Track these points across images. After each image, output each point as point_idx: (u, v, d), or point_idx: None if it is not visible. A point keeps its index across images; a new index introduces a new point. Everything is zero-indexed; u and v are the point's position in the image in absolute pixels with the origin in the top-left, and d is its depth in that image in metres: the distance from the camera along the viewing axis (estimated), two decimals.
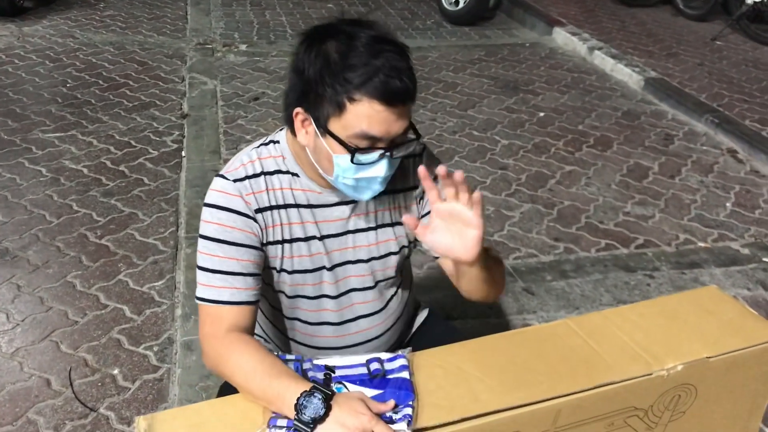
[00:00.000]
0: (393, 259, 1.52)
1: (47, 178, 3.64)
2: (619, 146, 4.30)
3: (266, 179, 1.39)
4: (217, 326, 1.33)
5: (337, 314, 1.52)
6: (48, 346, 2.50)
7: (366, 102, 1.22)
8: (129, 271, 2.93)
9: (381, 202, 1.48)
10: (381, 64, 1.22)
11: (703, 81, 5.32)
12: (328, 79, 1.24)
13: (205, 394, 2.29)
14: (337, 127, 1.26)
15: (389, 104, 1.22)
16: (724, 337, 1.45)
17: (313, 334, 1.54)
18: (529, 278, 2.97)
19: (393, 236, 1.51)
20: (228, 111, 4.56)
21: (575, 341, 1.44)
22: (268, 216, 1.39)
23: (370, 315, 1.55)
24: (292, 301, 1.50)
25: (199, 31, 6.37)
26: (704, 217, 3.53)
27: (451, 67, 5.62)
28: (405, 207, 1.51)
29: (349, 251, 1.48)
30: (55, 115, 4.39)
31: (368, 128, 1.24)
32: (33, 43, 5.74)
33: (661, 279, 3.00)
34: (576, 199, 3.66)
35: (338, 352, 1.54)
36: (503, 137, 4.37)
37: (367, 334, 1.56)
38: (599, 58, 5.82)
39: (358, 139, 1.25)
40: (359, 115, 1.23)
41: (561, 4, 7.36)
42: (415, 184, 1.50)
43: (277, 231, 1.40)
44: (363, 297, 1.53)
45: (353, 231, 1.47)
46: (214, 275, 1.34)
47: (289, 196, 1.41)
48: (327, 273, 1.47)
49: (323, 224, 1.44)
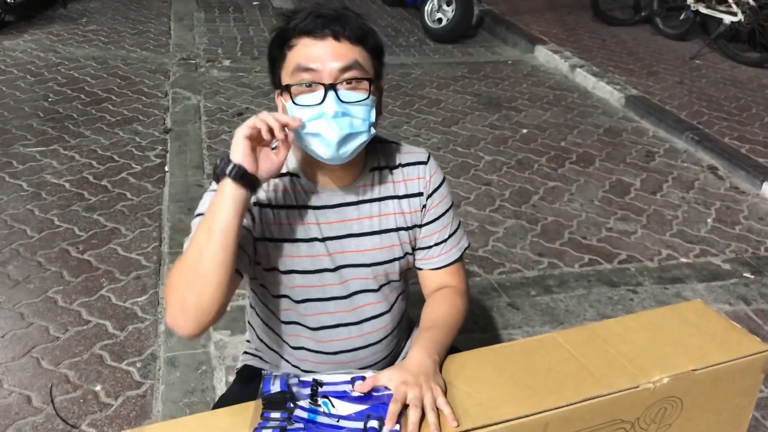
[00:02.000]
0: (397, 264, 1.52)
1: (28, 192, 3.61)
2: (601, 163, 4.34)
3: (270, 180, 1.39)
4: None
5: (344, 315, 1.51)
6: (28, 362, 2.47)
7: (299, 42, 1.31)
8: (111, 287, 2.90)
9: (385, 206, 1.48)
10: (314, 9, 1.32)
11: (683, 99, 5.40)
12: (277, 42, 1.35)
13: (189, 411, 2.26)
14: (285, 76, 1.34)
15: (320, 36, 1.29)
16: (709, 351, 1.46)
17: (321, 339, 1.52)
18: (514, 293, 2.98)
19: (397, 242, 1.51)
20: (211, 126, 4.55)
21: (562, 355, 1.44)
22: (267, 212, 1.40)
23: (374, 318, 1.55)
24: (301, 306, 1.49)
25: (183, 46, 6.37)
26: (686, 233, 3.57)
27: (434, 84, 5.66)
28: (409, 213, 1.51)
29: (352, 254, 1.47)
30: (37, 130, 4.36)
31: (302, 60, 1.29)
32: (14, 57, 5.70)
33: (644, 294, 3.02)
34: (559, 214, 3.68)
35: (345, 357, 1.54)
36: (487, 153, 4.39)
37: (369, 338, 1.55)
38: (581, 76, 5.89)
39: (296, 74, 1.31)
40: (296, 54, 1.31)
41: (543, 23, 7.45)
42: (420, 191, 1.51)
43: (275, 229, 1.41)
44: (367, 299, 1.52)
45: (356, 234, 1.47)
46: None
47: (291, 198, 1.42)
48: (329, 275, 1.47)
49: (325, 226, 1.44)
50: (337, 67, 1.29)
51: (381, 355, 1.61)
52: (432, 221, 1.53)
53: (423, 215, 1.52)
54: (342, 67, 1.29)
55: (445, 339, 1.43)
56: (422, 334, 1.41)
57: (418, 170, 1.52)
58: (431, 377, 1.28)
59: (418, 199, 1.51)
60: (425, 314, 1.51)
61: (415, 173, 1.51)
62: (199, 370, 2.46)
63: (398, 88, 5.49)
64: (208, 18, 7.37)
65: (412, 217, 1.52)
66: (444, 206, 1.55)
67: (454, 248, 1.57)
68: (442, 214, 1.54)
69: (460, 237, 1.60)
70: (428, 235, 1.54)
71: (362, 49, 1.33)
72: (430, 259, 1.56)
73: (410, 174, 1.51)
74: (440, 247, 1.55)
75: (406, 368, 1.28)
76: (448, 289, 1.56)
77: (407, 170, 1.51)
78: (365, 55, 1.33)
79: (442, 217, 1.54)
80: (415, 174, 1.51)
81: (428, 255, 1.56)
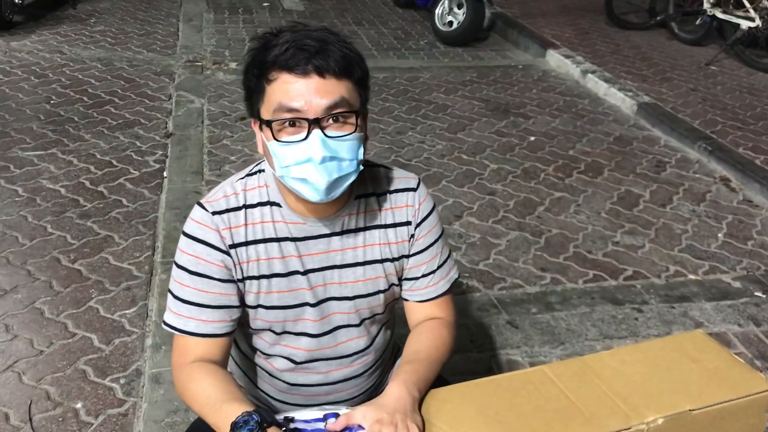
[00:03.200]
0: (381, 297, 1.45)
1: (23, 198, 3.55)
2: (610, 173, 4.22)
3: (247, 213, 1.34)
4: (184, 357, 1.33)
5: (320, 352, 1.45)
6: (10, 377, 2.40)
7: (280, 77, 1.20)
8: (100, 298, 2.83)
9: (371, 236, 1.41)
10: (298, 39, 1.20)
11: (697, 107, 5.27)
12: (251, 71, 1.25)
13: (171, 431, 2.19)
14: (265, 111, 1.24)
15: (302, 74, 1.19)
16: (709, 388, 1.36)
17: (300, 371, 1.47)
18: (514, 310, 2.88)
19: (382, 274, 1.43)
20: (214, 130, 4.48)
21: (551, 390, 1.36)
22: (243, 251, 1.33)
23: (354, 354, 1.48)
24: (279, 338, 1.43)
25: (190, 48, 6.32)
26: (695, 248, 3.45)
27: (442, 89, 5.56)
28: (396, 243, 1.43)
29: (335, 287, 1.40)
30: (36, 133, 4.31)
31: (284, 100, 1.20)
32: (20, 59, 5.67)
33: (649, 313, 2.91)
34: (565, 227, 3.58)
35: (322, 389, 1.49)
36: (492, 161, 4.29)
37: (349, 372, 1.49)
38: (592, 82, 5.77)
39: (278, 113, 1.21)
40: (276, 90, 1.21)
41: (555, 26, 7.34)
42: (408, 220, 1.43)
43: (253, 266, 1.34)
44: (346, 335, 1.45)
45: (339, 266, 1.39)
46: (183, 305, 1.32)
47: (270, 230, 1.34)
48: (310, 309, 1.39)
49: (306, 258, 1.37)
50: (323, 106, 1.19)
51: (362, 387, 1.55)
52: (420, 251, 1.45)
53: (411, 245, 1.44)
54: (328, 106, 1.20)
55: (427, 373, 1.36)
56: (403, 367, 1.34)
57: (407, 197, 1.43)
58: (408, 415, 1.21)
59: (406, 228, 1.43)
60: (408, 346, 1.44)
61: (403, 200, 1.43)
62: None
63: (405, 93, 5.40)
64: (217, 19, 7.32)
65: (399, 248, 1.44)
66: (433, 236, 1.47)
67: (442, 280, 1.49)
68: (431, 243, 1.46)
69: (450, 268, 1.51)
70: (416, 265, 1.46)
71: (348, 82, 1.23)
72: (418, 291, 1.48)
73: (398, 201, 1.43)
74: (428, 278, 1.47)
75: (382, 405, 1.21)
76: (435, 321, 1.49)
77: (395, 197, 1.43)
78: (351, 87, 1.24)
79: (431, 248, 1.46)
80: (404, 201, 1.43)
81: (415, 286, 1.48)
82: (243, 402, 1.21)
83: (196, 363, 1.31)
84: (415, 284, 1.47)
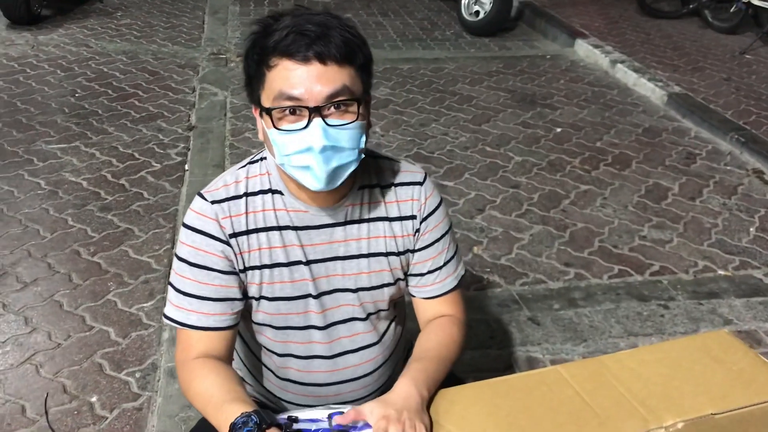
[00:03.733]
0: (386, 291, 1.41)
1: (45, 191, 3.57)
2: (638, 165, 4.12)
3: (247, 201, 1.31)
4: (187, 353, 1.30)
5: (326, 347, 1.41)
6: (27, 370, 2.41)
7: (280, 64, 1.17)
8: (118, 291, 2.83)
9: (375, 228, 1.37)
10: (299, 24, 1.16)
11: (730, 97, 5.12)
12: (251, 57, 1.21)
13: (185, 426, 2.17)
14: (265, 99, 1.21)
15: (302, 61, 1.15)
16: (732, 391, 1.30)
17: (306, 369, 1.43)
18: (536, 306, 2.82)
19: (387, 267, 1.39)
20: (236, 123, 4.47)
21: (566, 392, 1.31)
22: (244, 241, 1.30)
23: (361, 349, 1.44)
24: (282, 333, 1.39)
25: (214, 40, 6.32)
26: (725, 243, 3.35)
27: (467, 80, 5.49)
28: (401, 237, 1.39)
29: (338, 278, 1.36)
30: (60, 126, 4.34)
31: (285, 87, 1.16)
32: (46, 52, 5.72)
33: (676, 310, 2.83)
34: (590, 221, 3.49)
35: (330, 389, 1.45)
36: (517, 153, 4.21)
37: (356, 370, 1.45)
38: (621, 72, 5.64)
39: (278, 101, 1.18)
40: (276, 77, 1.17)
41: (585, 15, 7.20)
42: (413, 214, 1.39)
43: (255, 256, 1.31)
44: (352, 329, 1.41)
45: (343, 257, 1.35)
46: (184, 297, 1.30)
47: (272, 218, 1.31)
48: (313, 301, 1.36)
49: (309, 248, 1.33)
50: (324, 94, 1.16)
51: (371, 388, 1.50)
52: (426, 247, 1.41)
53: (416, 240, 1.40)
54: (329, 94, 1.16)
55: (437, 372, 1.32)
56: (412, 365, 1.30)
57: (413, 191, 1.39)
58: (416, 414, 1.18)
59: (411, 223, 1.39)
60: (418, 344, 1.40)
61: (408, 194, 1.39)
62: None
63: (429, 84, 5.34)
64: (243, 11, 7.30)
65: (404, 242, 1.40)
66: (440, 231, 1.43)
67: (450, 276, 1.45)
68: (438, 239, 1.42)
69: (457, 264, 1.47)
70: (421, 261, 1.42)
71: (350, 69, 1.19)
72: (424, 287, 1.45)
73: (403, 195, 1.39)
74: (434, 275, 1.43)
75: (390, 402, 1.18)
76: (445, 318, 1.45)
77: (400, 190, 1.39)
78: (353, 75, 1.20)
79: (437, 243, 1.42)
80: (409, 195, 1.39)
81: (422, 282, 1.44)
82: (244, 402, 1.17)
83: (199, 359, 1.29)
84: (422, 280, 1.44)
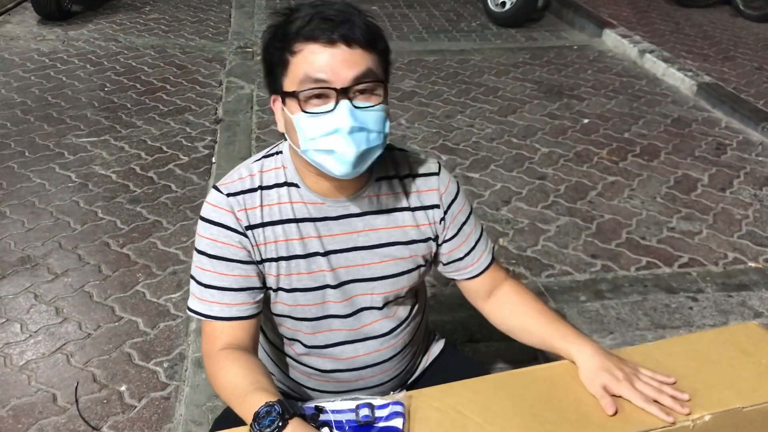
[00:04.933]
0: (406, 278, 1.41)
1: (76, 183, 3.63)
2: (667, 156, 4.06)
3: (263, 194, 1.32)
4: (212, 344, 1.31)
5: (346, 334, 1.42)
6: (58, 359, 2.46)
7: (305, 48, 1.17)
8: (147, 282, 2.87)
9: (394, 218, 1.38)
10: (321, 9, 1.18)
11: (761, 86, 5.02)
12: (272, 45, 1.22)
13: (212, 415, 2.19)
14: (288, 84, 1.21)
15: (328, 43, 1.16)
16: (762, 384, 1.28)
17: (327, 356, 1.44)
18: (562, 298, 2.80)
19: (407, 254, 1.40)
20: (262, 116, 4.50)
21: None
22: (260, 233, 1.31)
23: (381, 336, 1.45)
24: (302, 324, 1.41)
25: (241, 34, 6.35)
26: (756, 234, 3.29)
27: (493, 71, 5.45)
28: (425, 225, 1.41)
29: (357, 268, 1.37)
30: (90, 120, 4.40)
31: (311, 71, 1.17)
32: (77, 47, 5.80)
33: (704, 302, 2.79)
34: (617, 212, 3.46)
35: (352, 375, 1.46)
36: (543, 145, 4.18)
37: (377, 356, 1.46)
38: (650, 62, 5.57)
39: (304, 84, 1.18)
40: (301, 62, 1.18)
41: (612, 5, 7.11)
42: (436, 203, 1.41)
43: (271, 248, 1.32)
44: (371, 317, 1.42)
45: (362, 247, 1.36)
46: (205, 290, 1.32)
47: (288, 211, 1.32)
48: (331, 291, 1.37)
49: (327, 239, 1.34)
50: (350, 76, 1.17)
51: (391, 373, 1.51)
52: (456, 234, 1.44)
53: (444, 229, 1.43)
54: (356, 77, 1.17)
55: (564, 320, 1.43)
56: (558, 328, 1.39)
57: (431, 181, 1.41)
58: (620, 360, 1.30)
59: (433, 212, 1.41)
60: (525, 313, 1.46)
61: (428, 185, 1.41)
62: None
63: (455, 76, 5.31)
64: (269, 5, 7.33)
65: (428, 230, 1.41)
66: (464, 215, 1.46)
67: (484, 253, 1.49)
68: (464, 223, 1.45)
69: (486, 241, 1.51)
70: (456, 247, 1.45)
71: (373, 53, 1.20)
72: (465, 270, 1.48)
73: (423, 185, 1.41)
74: (471, 256, 1.47)
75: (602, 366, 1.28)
76: (505, 285, 1.51)
77: (419, 181, 1.41)
78: (376, 59, 1.21)
79: (464, 227, 1.45)
80: (428, 185, 1.41)
81: (462, 266, 1.48)
82: (268, 392, 1.18)
83: (224, 351, 1.30)
84: (461, 264, 1.47)
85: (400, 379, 1.54)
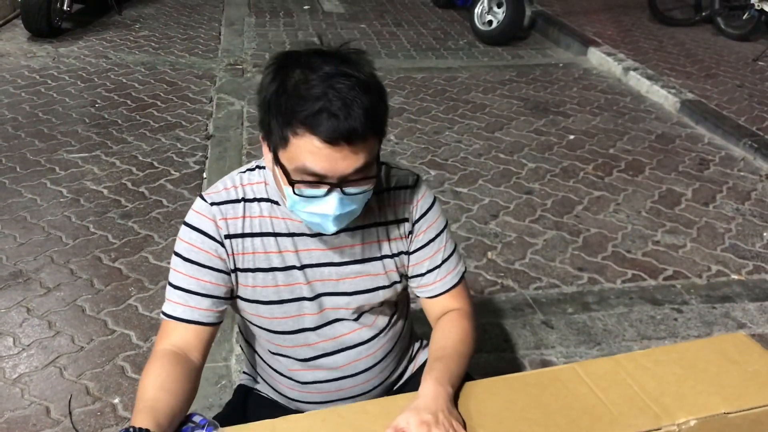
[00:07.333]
0: (381, 293, 1.44)
1: (67, 199, 3.64)
2: (652, 171, 4.14)
3: (245, 206, 1.36)
4: (160, 341, 1.35)
5: (323, 346, 1.45)
6: (51, 372, 2.47)
7: (308, 137, 1.15)
8: (139, 296, 2.89)
9: (369, 234, 1.40)
10: (328, 100, 1.14)
11: (743, 103, 5.13)
12: (275, 109, 1.18)
13: None
14: (284, 158, 1.20)
15: (331, 143, 1.14)
16: (747, 391, 1.32)
17: (307, 368, 1.48)
18: (549, 310, 2.85)
19: (382, 270, 1.43)
20: (253, 132, 4.54)
21: (580, 389, 1.33)
22: (239, 243, 1.35)
23: (359, 345, 1.47)
24: (279, 336, 1.44)
25: (231, 51, 6.40)
26: (739, 248, 3.36)
27: (480, 88, 5.53)
28: (396, 239, 1.43)
29: (332, 283, 1.40)
30: (81, 135, 4.42)
31: (310, 165, 1.16)
32: (67, 64, 5.82)
33: (689, 314, 2.85)
34: (603, 226, 3.52)
35: (332, 385, 1.49)
36: (530, 160, 4.25)
37: (357, 365, 1.48)
38: (634, 79, 5.67)
39: (301, 173, 1.19)
40: (301, 149, 1.16)
41: (597, 24, 7.23)
42: (406, 217, 1.43)
43: (249, 259, 1.36)
44: (348, 327, 1.45)
45: (337, 263, 1.40)
46: (175, 291, 1.35)
47: (268, 225, 1.36)
48: (307, 303, 1.40)
49: (304, 253, 1.38)
50: (348, 171, 1.18)
51: (375, 382, 1.54)
52: (421, 247, 1.45)
53: (410, 242, 1.44)
54: (353, 171, 1.19)
55: (458, 367, 1.35)
56: (433, 365, 1.33)
57: (405, 195, 1.43)
58: (449, 412, 1.22)
59: (404, 225, 1.43)
60: (434, 342, 1.43)
61: (401, 198, 1.43)
62: (219, 384, 2.42)
63: (443, 93, 5.39)
64: (259, 23, 7.40)
65: (398, 244, 1.44)
66: (434, 231, 1.46)
67: (449, 274, 1.48)
68: (432, 239, 1.45)
69: (456, 262, 1.50)
70: (419, 262, 1.46)
71: (372, 138, 1.20)
72: (426, 287, 1.48)
73: (396, 199, 1.42)
74: (434, 273, 1.47)
75: (422, 407, 1.21)
76: (454, 313, 1.48)
77: (393, 195, 1.42)
78: (374, 142, 1.21)
79: (432, 243, 1.45)
80: (402, 199, 1.43)
81: (423, 282, 1.48)
82: (149, 416, 1.15)
83: (165, 351, 1.31)
84: (422, 280, 1.47)
85: (384, 387, 1.57)
